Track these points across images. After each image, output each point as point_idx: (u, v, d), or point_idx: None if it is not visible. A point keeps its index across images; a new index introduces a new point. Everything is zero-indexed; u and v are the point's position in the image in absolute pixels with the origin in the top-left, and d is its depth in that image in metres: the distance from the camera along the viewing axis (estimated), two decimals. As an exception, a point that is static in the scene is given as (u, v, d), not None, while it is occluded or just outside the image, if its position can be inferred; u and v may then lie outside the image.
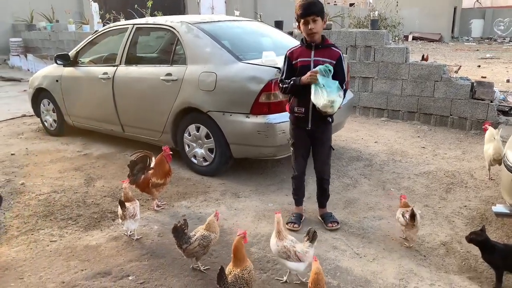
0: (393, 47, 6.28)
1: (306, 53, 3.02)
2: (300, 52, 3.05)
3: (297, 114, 3.10)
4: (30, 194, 3.98)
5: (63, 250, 3.01)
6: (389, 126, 6.18)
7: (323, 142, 3.20)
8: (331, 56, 3.01)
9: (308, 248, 2.51)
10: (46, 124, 6.06)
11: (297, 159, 3.28)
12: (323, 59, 2.98)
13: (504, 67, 13.33)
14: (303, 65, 3.01)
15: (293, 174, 3.34)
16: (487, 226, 3.26)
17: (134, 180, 3.49)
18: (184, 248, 2.63)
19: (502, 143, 4.06)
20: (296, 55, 3.04)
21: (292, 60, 3.05)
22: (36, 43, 13.37)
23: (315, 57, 2.99)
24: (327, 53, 3.01)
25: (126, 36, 4.94)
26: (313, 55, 3.00)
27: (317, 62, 2.97)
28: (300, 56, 3.03)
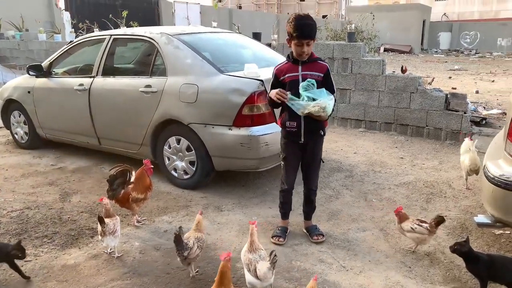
0: (370, 59, 6.40)
1: (293, 68, 3.02)
2: (287, 68, 3.04)
3: (289, 128, 3.08)
4: (1, 211, 3.78)
5: (39, 271, 2.86)
6: (367, 136, 6.26)
7: (315, 154, 3.19)
8: (318, 69, 3.02)
9: (267, 269, 2.38)
10: (16, 136, 5.82)
11: (288, 173, 3.24)
12: (311, 72, 2.99)
13: (472, 78, 13.83)
14: (291, 80, 3.00)
15: (283, 188, 3.30)
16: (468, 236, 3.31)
17: (113, 195, 3.38)
18: (186, 256, 2.59)
19: (477, 153, 4.18)
20: (284, 71, 3.03)
21: (280, 76, 3.04)
22: (4, 52, 12.94)
23: (303, 72, 2.99)
24: (315, 67, 3.02)
25: (103, 47, 4.82)
26: (301, 70, 3.00)
27: (305, 76, 2.97)
28: (288, 71, 3.02)
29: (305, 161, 3.21)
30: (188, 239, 2.67)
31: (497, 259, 2.58)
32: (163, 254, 3.05)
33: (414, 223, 2.99)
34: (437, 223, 2.97)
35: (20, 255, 2.67)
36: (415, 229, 2.98)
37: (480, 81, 12.99)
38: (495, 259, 2.56)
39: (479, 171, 4.12)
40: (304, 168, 3.24)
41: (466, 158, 4.14)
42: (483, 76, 14.61)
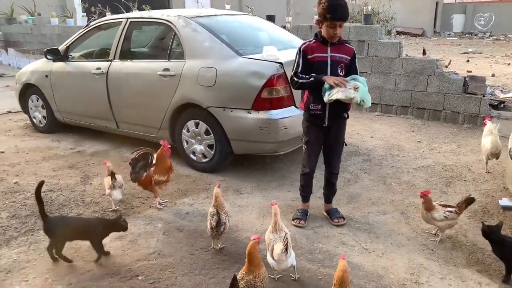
0: (387, 42, 6.32)
1: (322, 49, 2.98)
2: (316, 47, 2.99)
3: (314, 111, 3.06)
4: (25, 193, 3.86)
5: (67, 251, 2.91)
6: (383, 120, 6.22)
7: (338, 138, 3.19)
8: (346, 52, 3.00)
9: (280, 251, 2.40)
10: (34, 120, 5.89)
11: (311, 156, 3.23)
12: (339, 55, 2.97)
13: (487, 61, 13.58)
14: (320, 60, 2.97)
15: (304, 171, 3.30)
16: (489, 219, 3.32)
17: (136, 177, 3.42)
18: (222, 231, 2.81)
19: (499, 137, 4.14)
20: (312, 50, 2.99)
21: (308, 54, 2.99)
22: (17, 37, 12.99)
23: (332, 53, 2.96)
24: (343, 49, 2.99)
25: (120, 30, 4.82)
26: (330, 51, 2.97)
27: (334, 58, 2.96)
28: (316, 51, 2.98)
29: (328, 144, 3.20)
30: (220, 215, 2.78)
31: None
32: (187, 236, 3.10)
33: (446, 211, 2.90)
34: (467, 204, 2.93)
35: (124, 226, 2.82)
36: (448, 217, 2.88)
37: (496, 64, 12.76)
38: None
39: (499, 155, 4.09)
40: (327, 151, 3.24)
41: (488, 141, 4.10)
42: (499, 59, 14.32)
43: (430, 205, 2.93)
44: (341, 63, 3.00)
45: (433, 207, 2.93)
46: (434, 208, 2.93)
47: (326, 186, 3.36)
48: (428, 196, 2.95)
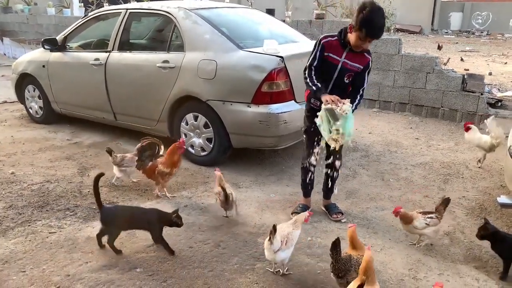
0: (386, 38, 6.31)
1: (338, 51, 2.92)
2: (334, 46, 2.93)
3: (313, 105, 3.07)
4: (22, 183, 3.83)
5: (64, 242, 2.91)
6: (381, 117, 6.23)
7: None
8: (360, 62, 2.95)
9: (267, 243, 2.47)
10: (31, 111, 5.83)
11: (309, 148, 3.22)
12: (351, 63, 2.92)
13: (484, 60, 13.62)
14: (331, 61, 2.93)
15: (304, 163, 3.29)
16: (486, 217, 3.33)
17: (141, 165, 3.48)
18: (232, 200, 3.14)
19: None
20: (330, 48, 2.93)
21: (326, 51, 2.93)
22: (13, 27, 12.84)
23: (345, 59, 2.91)
24: (358, 59, 2.93)
25: (119, 21, 4.77)
26: (344, 56, 2.91)
27: (345, 65, 2.92)
28: (332, 51, 2.92)
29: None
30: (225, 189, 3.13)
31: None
32: (185, 229, 3.08)
33: (426, 217, 2.80)
34: (445, 205, 2.89)
35: (179, 223, 2.79)
36: (430, 223, 2.80)
37: (493, 63, 12.80)
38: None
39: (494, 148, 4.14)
40: (327, 145, 3.21)
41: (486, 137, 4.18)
42: (495, 58, 14.37)
43: (408, 218, 2.83)
44: (351, 72, 2.96)
45: (411, 219, 2.82)
46: (413, 219, 2.82)
47: (325, 181, 3.35)
48: (401, 211, 2.84)
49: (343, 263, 2.24)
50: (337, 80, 2.98)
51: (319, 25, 7.11)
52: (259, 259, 2.74)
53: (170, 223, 2.78)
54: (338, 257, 2.24)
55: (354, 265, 2.25)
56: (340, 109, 2.78)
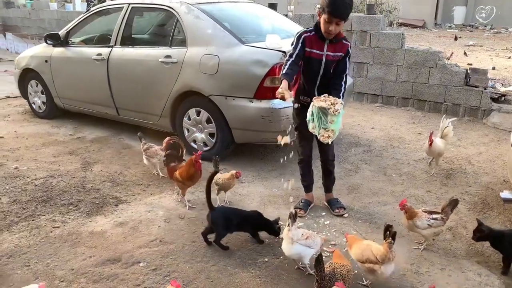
0: (389, 32, 6.28)
1: (319, 45, 2.94)
2: (314, 41, 2.94)
3: (303, 102, 3.09)
4: (26, 178, 3.85)
5: (68, 237, 2.93)
6: (383, 112, 6.21)
7: None
8: (341, 49, 2.97)
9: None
10: (34, 106, 5.85)
11: (302, 142, 3.24)
12: (333, 53, 2.95)
13: (487, 54, 13.53)
14: (315, 57, 2.95)
15: (300, 159, 3.32)
16: (489, 212, 3.34)
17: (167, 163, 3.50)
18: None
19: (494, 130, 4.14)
20: (311, 43, 2.94)
21: (306, 46, 2.95)
22: (15, 21, 12.85)
23: (327, 52, 2.94)
24: (339, 47, 2.96)
25: (121, 16, 4.77)
26: (326, 49, 2.93)
27: (328, 58, 2.94)
28: (314, 46, 2.94)
29: None
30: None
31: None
32: (188, 223, 3.10)
33: (430, 218, 2.72)
34: (453, 207, 2.79)
35: (277, 231, 2.86)
36: (432, 225, 2.71)
37: (496, 57, 12.71)
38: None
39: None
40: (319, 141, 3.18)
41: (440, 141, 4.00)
42: (499, 52, 14.28)
43: (412, 213, 2.77)
44: (335, 63, 2.99)
45: (415, 214, 2.76)
46: (416, 215, 2.75)
47: (324, 175, 3.37)
48: (407, 205, 2.79)
49: (328, 280, 2.16)
50: (324, 73, 2.99)
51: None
52: (261, 254, 2.75)
53: (268, 229, 2.86)
54: (322, 275, 2.15)
55: (338, 279, 2.19)
56: (333, 110, 2.80)
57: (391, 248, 2.31)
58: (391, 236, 2.31)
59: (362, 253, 2.38)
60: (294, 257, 2.54)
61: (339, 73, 3.02)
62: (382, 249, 2.34)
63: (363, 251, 2.38)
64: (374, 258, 2.32)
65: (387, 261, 2.31)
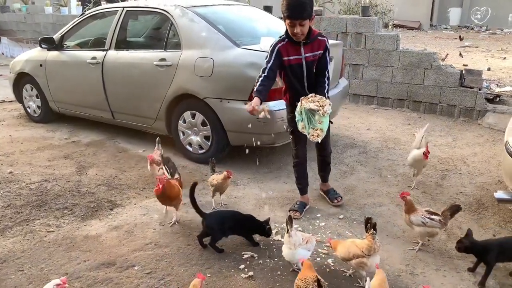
0: (384, 34, 6.30)
1: (295, 50, 2.93)
2: (289, 48, 2.93)
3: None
4: (20, 183, 3.83)
5: (62, 241, 2.92)
6: (379, 113, 6.23)
7: None
8: (319, 47, 2.96)
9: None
10: (29, 110, 5.83)
11: (298, 145, 3.25)
12: (313, 53, 2.95)
13: (483, 55, 13.59)
14: (295, 63, 2.96)
15: (295, 162, 3.32)
16: (484, 212, 3.35)
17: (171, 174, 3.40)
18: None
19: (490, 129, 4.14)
20: (287, 51, 2.94)
21: (283, 56, 2.95)
22: (11, 26, 12.82)
23: (306, 54, 2.94)
24: (316, 46, 2.95)
25: (115, 20, 4.77)
26: (303, 51, 2.94)
27: (308, 59, 2.95)
28: (290, 53, 2.93)
29: None
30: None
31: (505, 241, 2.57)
32: (183, 226, 3.10)
33: (425, 217, 2.73)
34: (453, 213, 2.77)
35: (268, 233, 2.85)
36: (427, 224, 2.72)
37: (492, 58, 12.77)
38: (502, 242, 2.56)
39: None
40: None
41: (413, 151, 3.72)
42: (494, 53, 14.34)
43: (411, 207, 2.79)
44: (315, 61, 2.99)
45: (414, 210, 2.78)
46: (414, 211, 2.78)
47: (320, 166, 3.41)
48: (407, 198, 2.81)
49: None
50: (308, 75, 3.01)
51: (316, 22, 7.09)
52: (256, 256, 2.75)
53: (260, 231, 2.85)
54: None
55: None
56: (323, 112, 2.84)
57: (375, 238, 2.35)
58: (372, 227, 2.36)
59: (348, 251, 2.41)
60: (295, 261, 2.54)
61: (321, 70, 3.03)
62: (366, 241, 2.37)
63: (349, 248, 2.42)
64: (360, 252, 2.36)
65: (373, 252, 2.35)
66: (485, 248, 2.52)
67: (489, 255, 2.49)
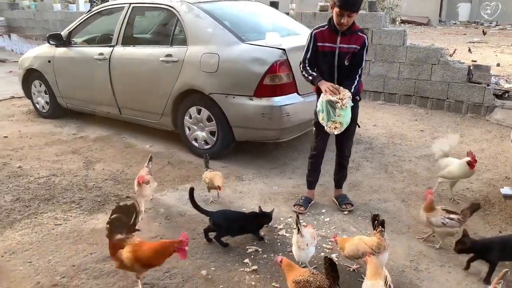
0: (391, 30, 6.26)
1: (332, 38, 2.95)
2: (326, 35, 2.96)
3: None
4: (29, 177, 3.88)
5: (69, 234, 2.96)
6: (386, 109, 6.20)
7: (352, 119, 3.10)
8: (356, 42, 2.94)
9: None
10: (38, 106, 5.90)
11: (318, 137, 3.21)
12: (348, 46, 2.93)
13: (492, 51, 13.44)
14: (328, 50, 2.96)
15: (312, 154, 3.30)
16: (490, 208, 3.33)
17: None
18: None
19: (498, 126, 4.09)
20: (323, 37, 2.96)
21: (318, 41, 2.97)
22: (20, 23, 12.95)
23: (341, 44, 2.93)
24: (353, 39, 2.94)
25: (122, 16, 4.79)
26: (339, 41, 2.93)
27: (342, 50, 2.93)
28: (326, 40, 2.96)
29: None
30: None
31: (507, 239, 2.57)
32: (188, 221, 3.12)
33: (445, 217, 2.69)
34: (473, 211, 2.74)
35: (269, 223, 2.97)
36: (447, 224, 2.69)
37: (501, 54, 12.63)
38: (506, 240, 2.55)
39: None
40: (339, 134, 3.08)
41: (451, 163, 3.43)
42: (504, 49, 14.18)
43: (430, 206, 2.76)
44: (349, 54, 2.96)
45: (433, 209, 2.75)
46: (433, 210, 2.74)
47: (337, 169, 3.37)
48: (431, 196, 2.78)
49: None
50: (339, 66, 2.99)
51: (323, 17, 7.06)
52: (261, 250, 2.76)
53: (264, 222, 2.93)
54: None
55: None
56: (341, 104, 2.84)
57: (384, 236, 2.33)
58: (380, 224, 2.33)
59: (357, 248, 2.39)
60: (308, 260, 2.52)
61: (355, 66, 3.01)
62: (375, 239, 2.35)
63: (357, 246, 2.39)
64: (369, 249, 2.34)
65: (383, 249, 2.33)
66: (487, 247, 2.51)
67: (491, 254, 2.47)
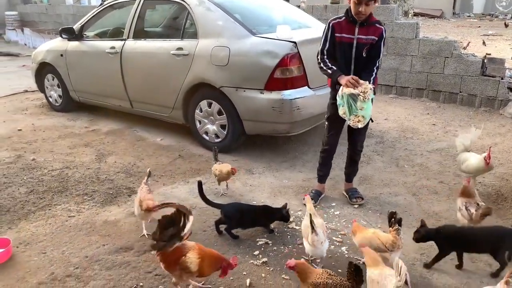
0: (403, 22, 6.19)
1: (350, 29, 2.92)
2: (344, 26, 2.94)
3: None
4: (43, 169, 3.95)
5: (83, 226, 3.01)
6: (397, 103, 6.15)
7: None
8: (374, 33, 2.92)
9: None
10: (50, 99, 5.97)
11: (330, 132, 3.21)
12: (366, 37, 2.91)
13: (507, 44, 13.19)
14: (345, 41, 2.93)
15: (323, 148, 3.30)
16: (502, 203, 3.30)
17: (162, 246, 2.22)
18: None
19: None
20: (340, 28, 2.94)
21: (336, 32, 2.95)
22: (33, 17, 13.08)
23: (359, 35, 2.91)
24: (371, 31, 2.92)
25: (133, 10, 4.82)
26: (357, 32, 2.91)
27: (360, 41, 2.91)
28: (344, 31, 2.93)
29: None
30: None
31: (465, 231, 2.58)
32: (199, 213, 3.15)
33: (465, 204, 2.73)
34: (483, 214, 2.69)
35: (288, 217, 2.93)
36: (461, 210, 2.75)
37: (516, 47, 12.40)
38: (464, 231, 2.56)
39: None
40: (351, 128, 3.08)
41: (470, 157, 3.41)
42: (520, 41, 13.91)
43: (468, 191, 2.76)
44: (367, 45, 2.93)
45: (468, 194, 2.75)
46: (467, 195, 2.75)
47: (348, 163, 3.36)
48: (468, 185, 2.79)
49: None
50: (357, 57, 2.97)
51: (334, 10, 7.01)
52: (271, 243, 2.78)
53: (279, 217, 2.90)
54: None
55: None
56: (363, 98, 2.82)
57: (399, 234, 2.30)
58: (396, 222, 2.31)
59: (370, 243, 2.37)
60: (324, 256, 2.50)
61: (373, 58, 2.98)
62: (390, 237, 2.33)
63: (371, 240, 2.37)
64: (383, 247, 2.32)
65: (397, 248, 2.31)
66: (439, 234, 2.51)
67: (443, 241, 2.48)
